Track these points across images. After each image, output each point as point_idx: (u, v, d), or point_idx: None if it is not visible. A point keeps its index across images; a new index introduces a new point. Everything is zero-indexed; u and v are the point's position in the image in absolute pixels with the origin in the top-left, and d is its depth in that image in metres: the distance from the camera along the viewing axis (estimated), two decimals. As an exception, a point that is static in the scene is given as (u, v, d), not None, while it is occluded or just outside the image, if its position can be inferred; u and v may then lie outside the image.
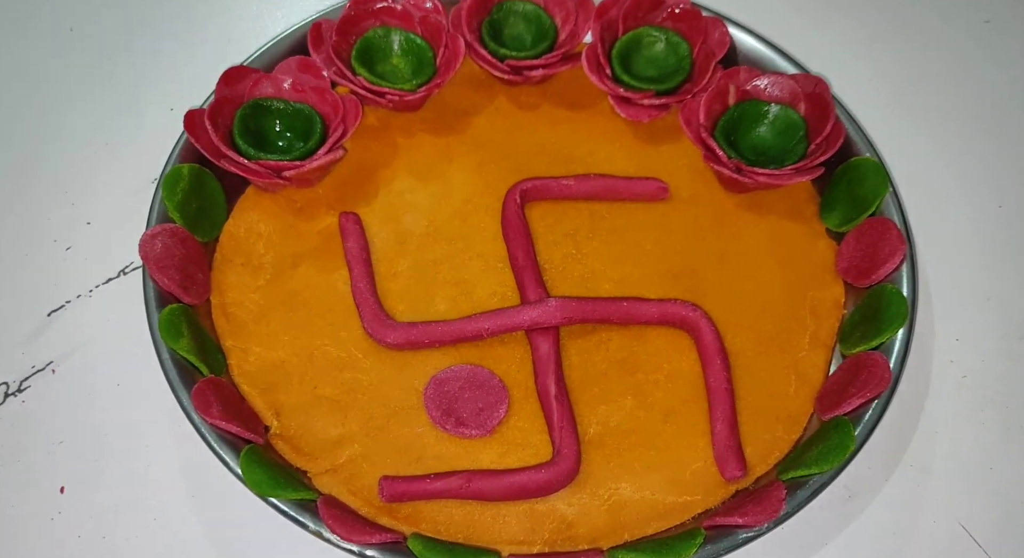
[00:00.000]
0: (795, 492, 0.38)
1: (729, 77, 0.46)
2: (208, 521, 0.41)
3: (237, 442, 0.39)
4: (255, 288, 0.44)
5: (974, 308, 0.47)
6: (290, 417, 0.41)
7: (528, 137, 0.48)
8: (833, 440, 0.39)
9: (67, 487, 0.42)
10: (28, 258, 0.47)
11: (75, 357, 0.45)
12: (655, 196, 0.46)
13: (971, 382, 0.45)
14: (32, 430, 0.43)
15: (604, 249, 0.45)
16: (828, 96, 0.45)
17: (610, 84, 0.47)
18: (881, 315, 0.41)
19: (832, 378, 0.42)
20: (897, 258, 0.42)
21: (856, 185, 0.45)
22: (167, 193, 0.43)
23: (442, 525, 0.39)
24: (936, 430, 0.44)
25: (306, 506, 0.38)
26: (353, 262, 0.44)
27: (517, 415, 0.41)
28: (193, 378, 0.40)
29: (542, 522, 0.39)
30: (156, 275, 0.41)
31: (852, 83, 0.51)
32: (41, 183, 0.49)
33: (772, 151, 0.46)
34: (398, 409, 0.41)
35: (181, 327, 0.40)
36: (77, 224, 0.48)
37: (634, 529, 0.39)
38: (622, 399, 0.42)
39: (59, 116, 0.51)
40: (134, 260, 0.47)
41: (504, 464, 0.40)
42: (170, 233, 0.42)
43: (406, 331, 0.42)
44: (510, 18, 0.49)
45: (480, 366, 0.42)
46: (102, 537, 0.41)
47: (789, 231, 0.46)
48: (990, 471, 0.43)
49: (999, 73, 0.54)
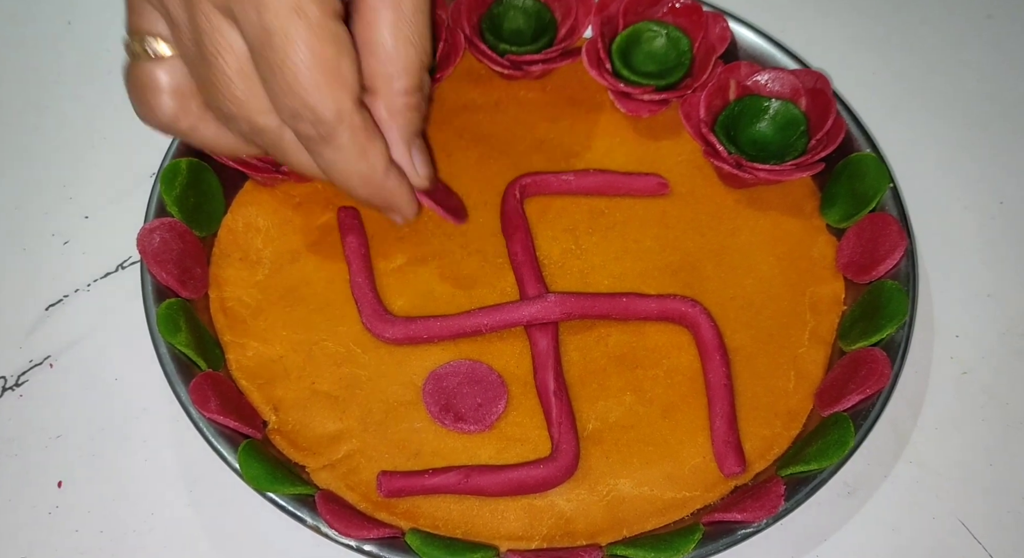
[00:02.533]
0: (794, 488, 0.38)
1: (729, 72, 0.46)
2: (206, 516, 0.41)
3: (235, 437, 0.39)
4: (253, 283, 0.44)
5: (974, 304, 0.47)
6: (288, 412, 0.41)
7: (528, 132, 0.48)
8: (832, 436, 0.39)
9: (65, 481, 0.42)
10: (26, 252, 0.47)
11: (73, 351, 0.45)
12: (655, 192, 0.46)
13: (971, 378, 0.45)
14: (30, 424, 0.43)
15: (603, 244, 0.45)
16: (829, 92, 0.45)
17: (610, 79, 0.47)
18: (881, 311, 0.41)
19: (832, 374, 0.42)
20: (897, 254, 0.42)
21: (857, 181, 0.45)
22: (165, 187, 0.43)
23: (440, 520, 0.39)
24: (936, 426, 0.44)
25: (304, 501, 0.38)
26: (352, 257, 0.43)
27: (516, 410, 0.41)
28: (191, 372, 0.40)
29: (540, 518, 0.39)
30: (154, 269, 0.41)
31: (853, 79, 0.51)
32: (39, 177, 0.49)
33: (772, 147, 0.46)
34: (396, 404, 0.41)
35: (179, 321, 0.40)
36: (75, 218, 0.48)
37: (633, 525, 0.39)
38: (621, 395, 0.42)
39: (57, 110, 0.51)
40: (132, 254, 0.47)
41: (502, 459, 0.40)
42: (168, 227, 0.42)
43: (405, 326, 0.42)
44: (510, 12, 0.49)
45: (479, 361, 0.42)
46: (100, 531, 0.41)
47: (789, 227, 0.45)
48: (990, 467, 0.43)
49: (1001, 69, 0.54)
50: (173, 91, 0.36)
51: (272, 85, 0.33)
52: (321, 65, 0.32)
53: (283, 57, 0.32)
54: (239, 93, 0.34)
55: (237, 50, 0.33)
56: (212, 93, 0.34)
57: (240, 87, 0.33)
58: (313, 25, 0.32)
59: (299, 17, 0.31)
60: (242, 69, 0.33)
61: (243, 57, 0.33)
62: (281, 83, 0.32)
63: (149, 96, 0.36)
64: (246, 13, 0.31)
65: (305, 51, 0.32)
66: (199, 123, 0.37)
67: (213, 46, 0.33)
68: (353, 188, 0.37)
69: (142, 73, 0.36)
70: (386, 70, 0.35)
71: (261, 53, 0.32)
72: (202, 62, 0.33)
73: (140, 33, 0.35)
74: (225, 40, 0.33)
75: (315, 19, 0.32)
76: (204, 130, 0.37)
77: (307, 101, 0.33)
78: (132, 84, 0.36)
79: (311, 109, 0.33)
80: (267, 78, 0.33)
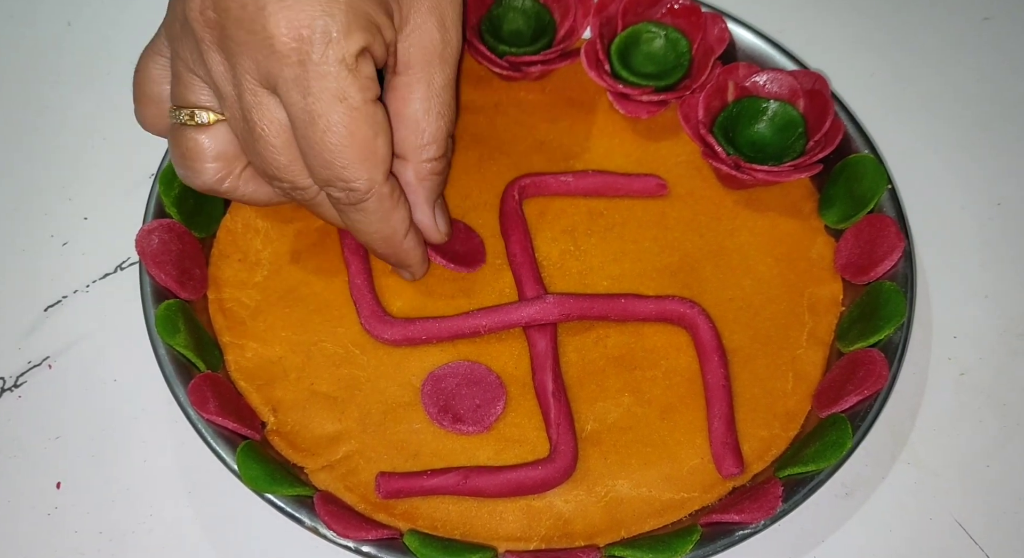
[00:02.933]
0: (792, 489, 0.38)
1: (728, 73, 0.46)
2: (205, 517, 0.41)
3: (234, 438, 0.39)
4: (252, 284, 0.44)
5: (972, 305, 0.47)
6: (287, 413, 0.41)
7: (527, 133, 0.48)
8: (830, 437, 0.39)
9: (64, 482, 0.42)
10: (25, 253, 0.47)
11: (72, 352, 0.45)
12: (653, 192, 0.46)
13: (969, 380, 0.45)
14: (28, 425, 0.43)
15: (602, 245, 0.45)
16: (827, 93, 0.45)
17: (609, 80, 0.47)
18: (879, 312, 0.41)
19: (830, 375, 0.42)
20: (895, 255, 0.42)
21: (855, 182, 0.45)
22: (164, 188, 0.43)
23: (439, 521, 0.39)
24: (934, 427, 0.44)
25: (303, 502, 0.38)
26: (351, 258, 0.43)
27: (514, 412, 0.41)
28: (190, 374, 0.40)
29: (539, 519, 0.39)
30: (153, 270, 0.41)
31: (851, 80, 0.51)
32: (38, 178, 0.49)
33: (771, 148, 0.46)
34: (395, 405, 0.41)
35: (178, 323, 0.40)
36: (74, 219, 0.48)
37: (631, 526, 0.39)
38: (619, 396, 0.42)
39: (56, 111, 0.51)
40: (131, 255, 0.47)
41: (501, 460, 0.40)
42: (167, 228, 0.42)
43: (403, 327, 0.42)
44: (509, 14, 0.49)
45: (477, 362, 0.42)
46: (99, 532, 0.41)
47: (787, 228, 0.46)
48: (987, 468, 0.43)
49: (999, 70, 0.54)
50: (216, 156, 0.38)
51: (310, 158, 0.35)
52: (358, 145, 0.34)
53: (323, 137, 0.34)
54: (283, 160, 0.36)
55: (280, 122, 0.35)
56: (258, 159, 0.36)
57: (283, 155, 0.36)
58: (353, 109, 0.34)
59: (341, 102, 0.33)
60: (285, 140, 0.35)
61: (286, 129, 0.35)
62: (319, 158, 0.35)
63: (194, 162, 0.38)
64: (291, 95, 0.34)
65: (344, 133, 0.34)
66: (239, 183, 0.39)
67: (259, 119, 0.35)
68: (373, 245, 0.40)
69: (188, 140, 0.37)
70: (416, 141, 0.38)
71: (303, 131, 0.34)
72: (249, 133, 0.36)
73: (188, 105, 0.37)
74: (270, 114, 0.35)
75: (356, 103, 0.34)
76: (243, 188, 0.39)
77: (342, 175, 0.35)
78: (177, 150, 0.38)
79: (345, 181, 0.35)
80: (306, 151, 0.35)
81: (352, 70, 0.33)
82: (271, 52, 0.33)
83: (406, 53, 0.37)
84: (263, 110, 0.35)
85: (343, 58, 0.33)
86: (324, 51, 0.33)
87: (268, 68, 0.33)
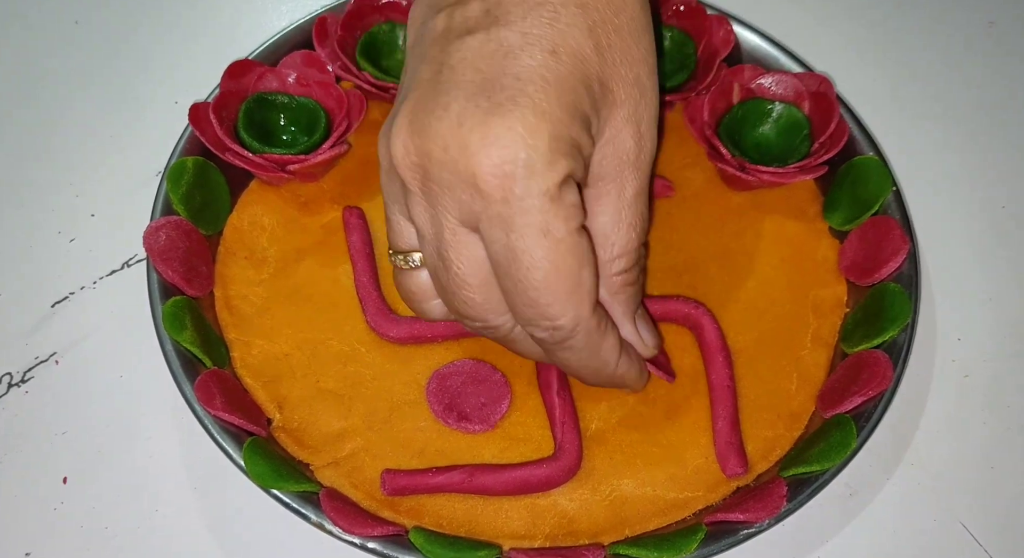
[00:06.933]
0: (796, 489, 0.38)
1: (733, 75, 0.46)
2: (210, 512, 0.41)
3: (240, 434, 0.39)
4: (259, 281, 0.44)
5: (977, 308, 0.47)
6: (293, 410, 0.41)
7: (532, 133, 0.48)
8: (835, 438, 0.39)
9: (69, 477, 0.42)
10: (32, 250, 0.47)
11: (78, 348, 0.45)
12: (659, 193, 0.46)
13: (973, 381, 0.45)
14: (35, 421, 0.43)
15: (607, 246, 0.45)
16: (832, 95, 0.45)
17: (615, 81, 0.47)
18: (883, 314, 0.41)
19: (834, 376, 0.42)
20: (900, 257, 0.42)
21: (859, 184, 0.45)
22: (171, 186, 0.43)
23: (444, 519, 0.39)
24: (938, 429, 0.44)
25: (308, 498, 0.38)
26: (356, 256, 0.44)
27: (519, 410, 0.41)
28: (196, 370, 0.40)
29: (543, 517, 0.39)
30: (160, 267, 0.41)
31: (856, 82, 0.51)
32: (45, 175, 0.49)
33: (776, 149, 0.46)
34: (400, 403, 0.41)
35: (185, 319, 0.40)
36: (81, 216, 0.48)
37: (635, 524, 0.39)
38: (624, 395, 0.42)
39: (64, 108, 0.51)
40: (138, 252, 0.47)
41: (506, 459, 0.40)
42: (174, 225, 0.42)
43: (409, 325, 0.42)
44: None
45: (483, 361, 0.42)
46: (104, 527, 0.41)
47: (792, 229, 0.46)
48: (991, 470, 0.43)
49: (1003, 74, 0.54)
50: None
51: (513, 297, 0.33)
52: (563, 279, 0.32)
53: (527, 274, 0.32)
54: (477, 298, 0.34)
55: (478, 260, 0.33)
56: (451, 297, 0.35)
57: (478, 294, 0.34)
58: (558, 241, 0.32)
59: (545, 237, 0.32)
60: (482, 279, 0.34)
61: (483, 267, 0.34)
62: (523, 296, 0.33)
63: (422, 302, 0.38)
64: (493, 232, 0.32)
65: (549, 268, 0.32)
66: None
67: (456, 256, 0.33)
68: (585, 379, 0.38)
69: (410, 283, 0.37)
70: (609, 255, 0.36)
71: (506, 269, 0.33)
72: (445, 271, 0.34)
73: (404, 252, 0.36)
74: (468, 251, 0.33)
75: (560, 235, 0.32)
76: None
77: (547, 313, 0.33)
78: (405, 292, 0.38)
79: (550, 320, 0.33)
80: (509, 290, 0.33)
81: (555, 200, 0.31)
82: (475, 191, 0.31)
83: (599, 165, 0.34)
84: (461, 248, 0.33)
85: (547, 190, 0.31)
86: (527, 185, 0.31)
87: (471, 206, 0.32)
